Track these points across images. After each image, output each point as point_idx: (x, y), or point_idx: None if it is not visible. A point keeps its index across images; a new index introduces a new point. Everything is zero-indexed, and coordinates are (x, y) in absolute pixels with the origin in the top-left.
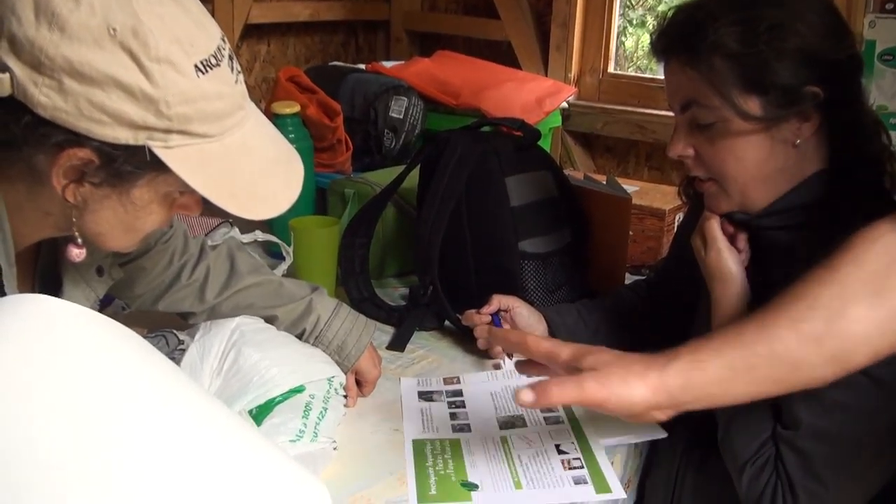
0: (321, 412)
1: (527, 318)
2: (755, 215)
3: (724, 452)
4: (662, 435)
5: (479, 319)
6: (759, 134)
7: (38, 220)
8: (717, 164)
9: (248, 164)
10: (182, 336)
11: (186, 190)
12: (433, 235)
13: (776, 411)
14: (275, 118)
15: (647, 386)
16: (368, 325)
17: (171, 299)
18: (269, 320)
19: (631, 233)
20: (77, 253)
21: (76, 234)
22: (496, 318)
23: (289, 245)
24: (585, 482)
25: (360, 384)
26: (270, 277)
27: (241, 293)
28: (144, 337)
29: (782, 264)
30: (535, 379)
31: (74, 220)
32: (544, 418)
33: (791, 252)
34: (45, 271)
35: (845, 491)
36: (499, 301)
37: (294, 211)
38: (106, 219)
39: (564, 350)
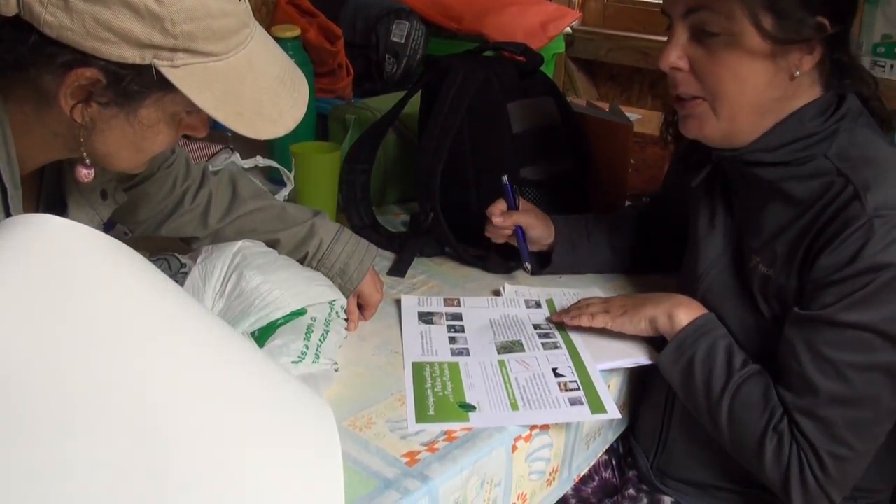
0: (323, 334)
1: (539, 233)
2: (743, 150)
3: (735, 451)
4: (647, 362)
5: (501, 223)
6: (765, 58)
7: (45, 142)
8: (714, 80)
9: (254, 84)
10: (184, 260)
11: (193, 109)
12: (434, 162)
13: (768, 369)
14: None
15: None
16: (370, 250)
17: (174, 224)
18: (272, 244)
19: (633, 161)
20: (86, 173)
21: (84, 155)
22: (520, 231)
23: (290, 171)
24: (581, 403)
25: (362, 308)
26: (272, 202)
27: (243, 218)
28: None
29: (766, 200)
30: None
31: (82, 140)
32: (542, 344)
33: (776, 188)
34: (49, 194)
35: (869, 450)
36: (523, 217)
37: (295, 136)
38: (114, 139)
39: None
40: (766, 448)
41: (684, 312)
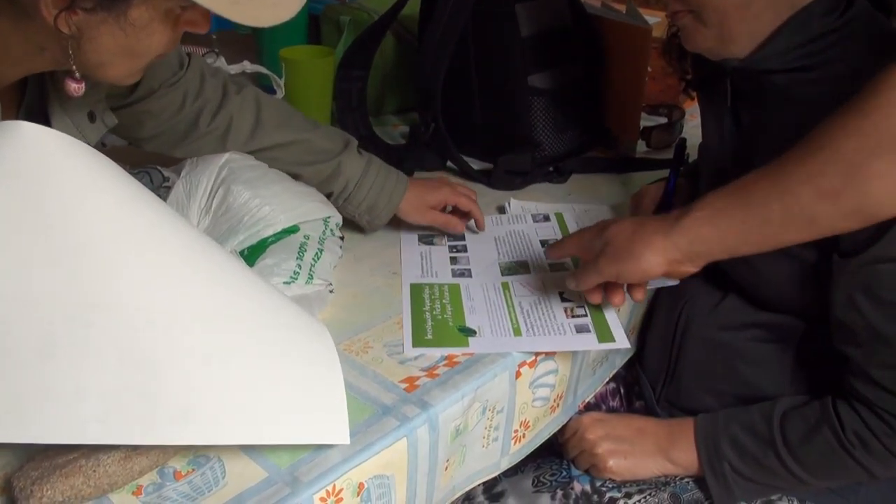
0: (317, 253)
1: None
2: (753, 59)
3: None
4: (673, 283)
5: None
6: None
7: (30, 57)
8: None
9: None
10: (167, 173)
11: (187, 4)
12: (436, 68)
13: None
14: None
15: (654, 251)
16: (399, 183)
17: (189, 148)
18: (293, 177)
19: (650, 69)
20: (76, 87)
21: (74, 67)
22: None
23: (280, 77)
24: (588, 330)
25: None
26: (298, 137)
27: (264, 152)
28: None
29: (779, 108)
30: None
31: (72, 52)
32: (549, 265)
33: (789, 96)
34: (30, 117)
35: None
36: None
37: (285, 40)
38: (106, 46)
39: (588, 229)
40: (855, 450)
41: (677, 450)
